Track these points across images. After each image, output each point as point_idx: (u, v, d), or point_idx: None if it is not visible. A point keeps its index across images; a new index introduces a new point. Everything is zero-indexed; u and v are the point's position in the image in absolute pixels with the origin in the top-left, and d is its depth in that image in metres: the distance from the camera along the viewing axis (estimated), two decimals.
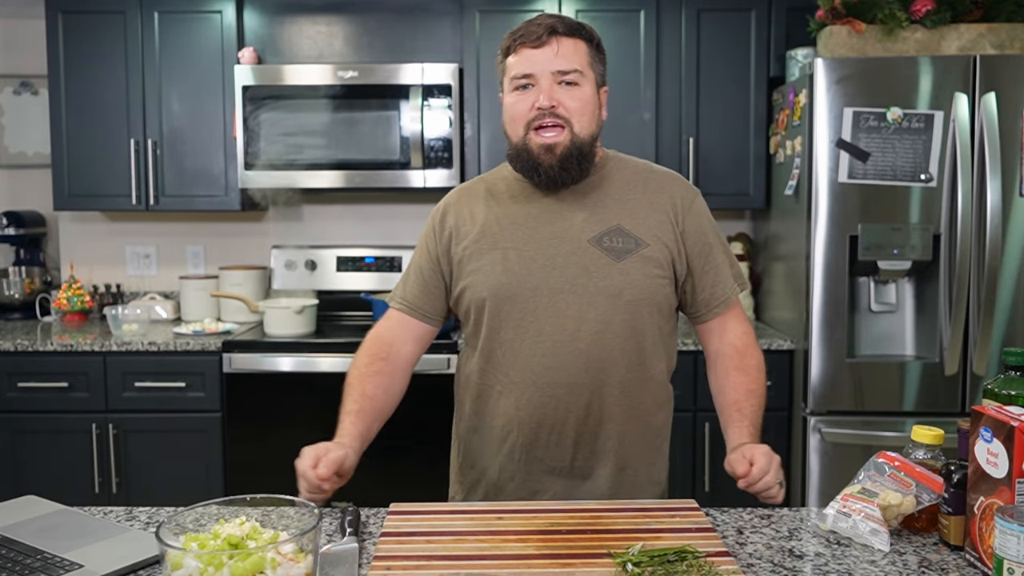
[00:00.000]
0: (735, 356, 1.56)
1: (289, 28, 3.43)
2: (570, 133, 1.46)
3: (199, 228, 3.69)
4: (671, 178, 1.59)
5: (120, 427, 3.05)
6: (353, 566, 1.15)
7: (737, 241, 3.52)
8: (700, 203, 1.57)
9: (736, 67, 3.26)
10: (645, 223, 1.51)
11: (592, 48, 1.51)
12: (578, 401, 1.47)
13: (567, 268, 1.47)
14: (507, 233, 1.51)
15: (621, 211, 1.51)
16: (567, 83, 1.46)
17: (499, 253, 1.50)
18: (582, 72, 1.47)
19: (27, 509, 1.37)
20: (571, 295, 1.46)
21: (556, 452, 1.50)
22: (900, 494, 1.25)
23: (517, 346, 1.48)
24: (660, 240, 1.50)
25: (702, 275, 1.54)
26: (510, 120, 1.49)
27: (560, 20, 1.48)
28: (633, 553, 1.13)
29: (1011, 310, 2.73)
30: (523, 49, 1.47)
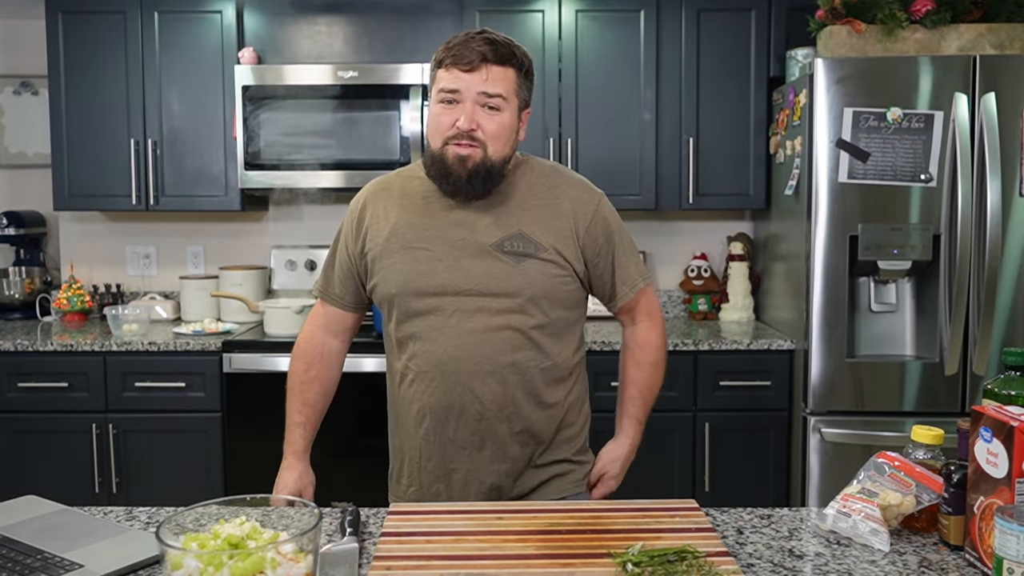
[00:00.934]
0: (635, 349, 1.78)
1: (289, 28, 3.43)
2: (483, 153, 1.55)
3: (199, 228, 3.69)
4: (574, 183, 1.68)
5: (120, 427, 3.05)
6: (353, 566, 1.15)
7: (737, 241, 3.52)
8: (603, 206, 1.68)
9: (736, 67, 3.26)
10: (545, 228, 1.61)
11: (520, 76, 1.58)
12: (481, 387, 1.58)
13: (471, 270, 1.58)
14: (416, 234, 1.61)
15: (524, 217, 1.61)
16: (489, 107, 1.54)
17: (408, 253, 1.61)
18: (505, 99, 1.55)
19: (27, 509, 1.37)
20: (474, 294, 1.58)
21: (464, 433, 1.61)
22: (900, 494, 1.25)
23: (425, 337, 1.60)
24: (560, 242, 1.61)
25: (604, 271, 1.68)
26: (432, 130, 1.58)
27: (494, 48, 1.54)
28: (633, 553, 1.13)
29: (1011, 310, 2.73)
30: (454, 69, 1.54)
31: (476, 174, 1.56)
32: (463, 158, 1.55)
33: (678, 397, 3.02)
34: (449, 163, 1.55)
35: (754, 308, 3.49)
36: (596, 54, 3.26)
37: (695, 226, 3.66)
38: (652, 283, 1.79)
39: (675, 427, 3.04)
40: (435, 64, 1.58)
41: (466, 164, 1.55)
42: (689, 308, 3.58)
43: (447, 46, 1.56)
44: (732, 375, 3.02)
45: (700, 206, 3.30)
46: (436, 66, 1.58)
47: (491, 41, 1.55)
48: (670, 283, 3.69)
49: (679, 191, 3.28)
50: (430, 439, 1.62)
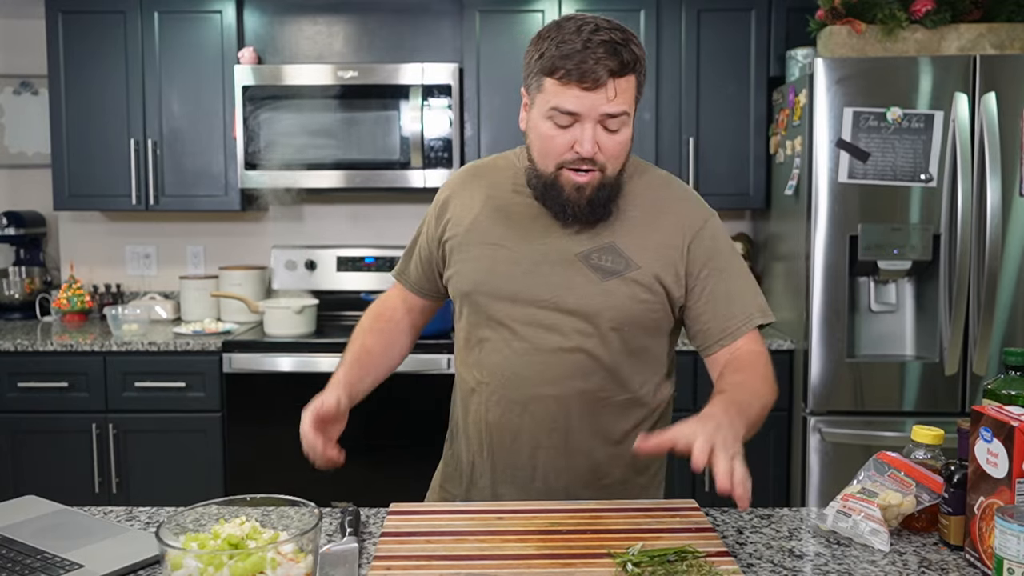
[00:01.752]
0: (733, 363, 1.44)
1: (289, 28, 3.43)
2: (602, 175, 1.37)
3: (199, 228, 3.69)
4: (682, 196, 1.49)
5: (120, 427, 3.05)
6: (353, 566, 1.14)
7: (737, 241, 3.52)
8: (712, 226, 1.46)
9: (736, 67, 3.26)
10: (643, 244, 1.42)
11: (640, 78, 1.37)
12: (542, 413, 1.44)
13: (550, 278, 1.42)
14: (499, 230, 1.46)
15: (620, 228, 1.43)
16: (610, 128, 1.34)
17: (487, 249, 1.46)
18: (629, 114, 1.35)
19: (27, 509, 1.37)
20: (550, 307, 1.42)
21: (516, 460, 1.47)
22: (900, 494, 1.25)
23: (490, 345, 1.46)
24: (656, 263, 1.42)
25: (705, 304, 1.43)
26: (542, 151, 1.38)
27: (617, 55, 1.30)
28: (633, 553, 1.13)
29: (1011, 310, 2.73)
30: (574, 86, 1.31)
31: (597, 199, 1.38)
32: (580, 187, 1.36)
33: (678, 397, 3.01)
34: (566, 192, 1.37)
35: None
36: None
37: None
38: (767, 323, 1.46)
39: None
40: (542, 70, 1.34)
41: (584, 192, 1.37)
42: None
43: (561, 52, 1.31)
44: None
45: None
46: (545, 72, 1.33)
47: (613, 49, 1.30)
48: None
49: None
50: (484, 457, 1.49)
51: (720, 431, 1.19)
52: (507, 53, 3.25)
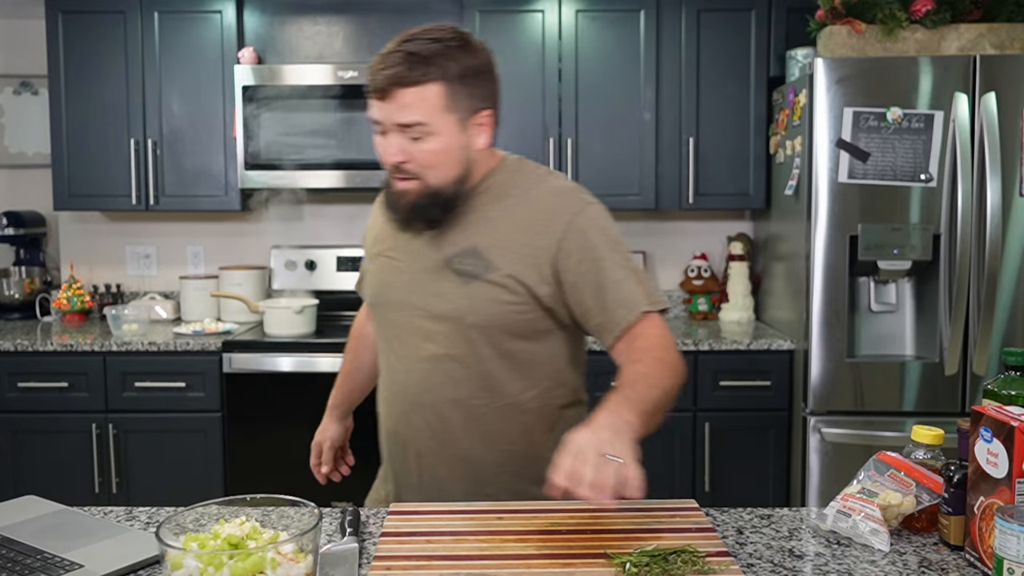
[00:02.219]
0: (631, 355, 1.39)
1: (289, 28, 3.43)
2: (423, 184, 1.38)
3: (199, 228, 3.69)
4: (553, 192, 1.45)
5: (120, 427, 3.05)
6: (353, 566, 1.14)
7: (737, 241, 3.52)
8: (585, 220, 1.41)
9: (736, 67, 3.26)
10: (505, 245, 1.40)
11: (452, 86, 1.35)
12: (421, 422, 1.46)
13: (424, 285, 1.44)
14: (391, 240, 1.50)
15: (482, 230, 1.42)
16: (414, 137, 1.35)
17: (380, 261, 1.53)
18: (426, 124, 1.34)
19: (27, 509, 1.37)
20: (423, 314, 1.43)
21: (406, 467, 1.51)
22: (900, 494, 1.25)
23: (384, 356, 1.54)
24: (516, 264, 1.39)
25: (590, 299, 1.40)
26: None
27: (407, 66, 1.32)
28: (634, 555, 1.13)
29: (1011, 310, 2.73)
30: (372, 96, 1.37)
31: (420, 207, 1.39)
32: (404, 193, 1.40)
33: (678, 397, 3.02)
34: (395, 197, 1.42)
35: (754, 308, 3.49)
36: (596, 54, 3.26)
37: (695, 226, 3.66)
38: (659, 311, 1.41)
39: (675, 427, 3.04)
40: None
41: (405, 198, 1.40)
42: (689, 308, 3.58)
43: (371, 65, 1.38)
44: (732, 375, 3.02)
45: (700, 206, 3.30)
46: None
47: (406, 57, 1.33)
48: (670, 283, 3.69)
49: (679, 191, 3.28)
50: (386, 462, 1.59)
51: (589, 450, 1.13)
52: (507, 53, 3.25)
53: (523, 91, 3.26)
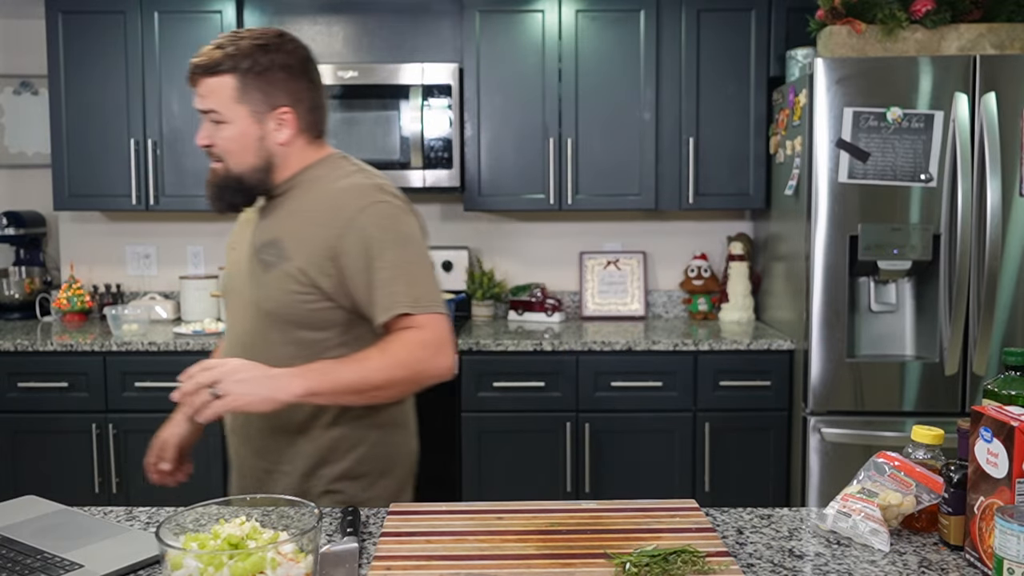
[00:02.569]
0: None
1: (289, 28, 3.41)
2: (225, 168, 1.53)
3: (199, 228, 3.69)
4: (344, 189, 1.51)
5: (120, 427, 3.04)
6: (353, 566, 1.14)
7: (737, 241, 3.52)
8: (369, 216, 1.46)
9: (736, 67, 3.26)
10: (300, 237, 1.48)
11: (245, 79, 1.47)
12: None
13: (241, 275, 1.57)
14: (238, 232, 1.65)
15: (285, 224, 1.52)
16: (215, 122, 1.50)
17: (229, 251, 1.66)
18: (220, 112, 1.49)
19: (27, 509, 1.37)
20: (240, 300, 1.57)
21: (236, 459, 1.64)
22: (900, 494, 1.25)
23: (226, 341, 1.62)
24: (305, 257, 1.46)
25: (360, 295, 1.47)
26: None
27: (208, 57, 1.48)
28: (634, 555, 1.13)
29: (1011, 310, 2.73)
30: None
31: (222, 189, 1.54)
32: (211, 174, 1.55)
33: (678, 397, 3.02)
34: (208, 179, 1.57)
35: (754, 308, 3.49)
36: (596, 54, 3.26)
37: (695, 226, 3.66)
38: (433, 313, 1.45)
39: (675, 427, 3.04)
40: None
41: (211, 179, 1.55)
42: (689, 308, 3.58)
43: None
44: (732, 375, 3.02)
45: (700, 206, 3.30)
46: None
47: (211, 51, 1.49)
48: (670, 283, 3.69)
49: (679, 191, 3.28)
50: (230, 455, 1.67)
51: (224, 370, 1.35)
52: (507, 53, 3.25)
53: (523, 91, 3.26)
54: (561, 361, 3.02)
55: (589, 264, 3.58)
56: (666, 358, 3.01)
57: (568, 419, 3.03)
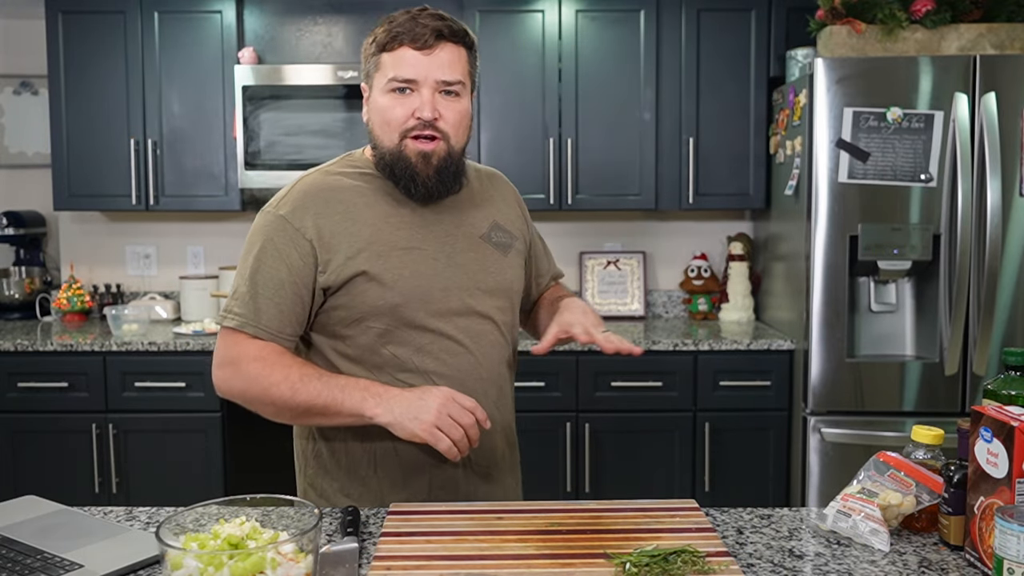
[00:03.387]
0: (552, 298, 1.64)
1: (289, 28, 3.43)
2: (446, 145, 1.40)
3: (199, 228, 3.69)
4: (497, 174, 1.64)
5: (120, 427, 3.05)
6: (353, 566, 1.14)
7: (737, 241, 3.52)
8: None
9: (736, 67, 3.26)
10: (509, 218, 1.56)
11: (472, 56, 1.45)
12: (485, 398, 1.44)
13: (466, 265, 1.46)
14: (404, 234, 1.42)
15: (491, 208, 1.53)
16: (447, 93, 1.39)
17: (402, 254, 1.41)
18: (464, 83, 1.41)
19: (27, 509, 1.37)
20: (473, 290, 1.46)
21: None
22: (900, 494, 1.25)
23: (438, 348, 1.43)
24: (521, 235, 1.57)
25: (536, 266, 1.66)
26: (383, 124, 1.40)
27: (446, 23, 1.39)
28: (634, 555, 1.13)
29: (1011, 310, 2.73)
30: (405, 49, 1.36)
31: (445, 169, 1.40)
32: (427, 155, 1.38)
33: (678, 397, 3.02)
34: (413, 162, 1.38)
35: (754, 308, 3.49)
36: (596, 54, 3.26)
37: (695, 226, 3.66)
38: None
39: (675, 427, 3.04)
40: (376, 48, 1.39)
41: (431, 161, 1.38)
42: (689, 308, 3.58)
43: (389, 23, 1.38)
44: (732, 375, 3.02)
45: (700, 206, 3.31)
46: (379, 50, 1.39)
47: (441, 18, 1.39)
48: (670, 283, 3.69)
49: (679, 191, 3.28)
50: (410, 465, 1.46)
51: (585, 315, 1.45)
52: (507, 53, 3.25)
53: (523, 91, 3.26)
54: (561, 361, 3.02)
55: (589, 264, 3.58)
56: (666, 358, 3.01)
57: (568, 419, 3.03)
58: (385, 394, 1.33)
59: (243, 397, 1.42)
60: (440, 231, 1.45)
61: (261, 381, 1.38)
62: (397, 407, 1.30)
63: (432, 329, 1.43)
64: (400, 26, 1.37)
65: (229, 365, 1.41)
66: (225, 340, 1.41)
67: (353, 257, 1.39)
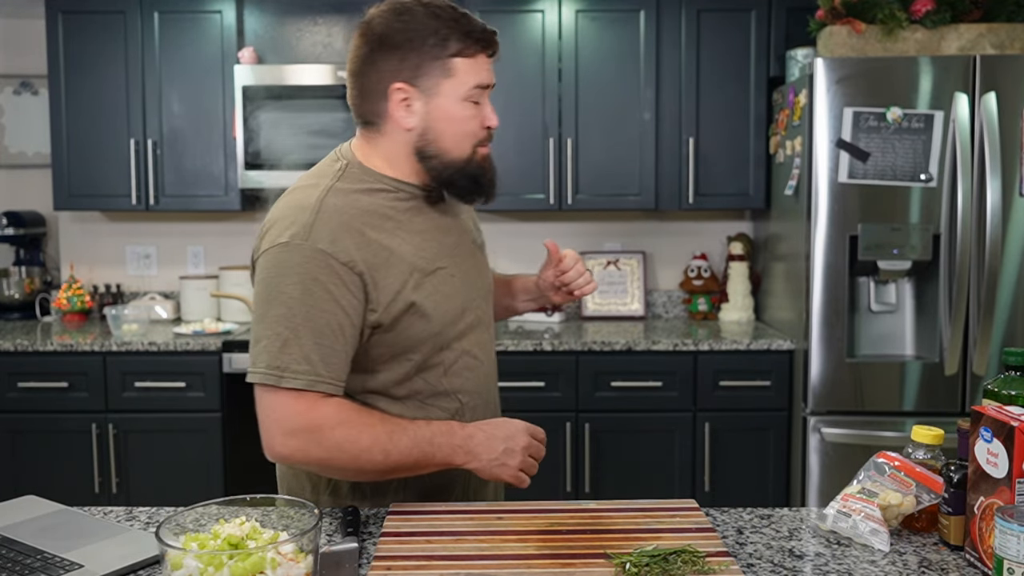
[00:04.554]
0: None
1: (289, 28, 3.43)
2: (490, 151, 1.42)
3: (199, 228, 3.69)
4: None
5: (120, 427, 3.05)
6: (353, 566, 1.14)
7: (737, 241, 3.52)
8: None
9: (736, 67, 3.26)
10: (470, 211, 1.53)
11: None
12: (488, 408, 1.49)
13: (473, 271, 1.44)
14: (429, 255, 1.35)
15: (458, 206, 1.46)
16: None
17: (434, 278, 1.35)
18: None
19: (27, 509, 1.37)
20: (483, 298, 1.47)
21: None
22: (900, 494, 1.25)
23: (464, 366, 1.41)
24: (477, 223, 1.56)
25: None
26: (460, 134, 1.31)
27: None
28: (634, 555, 1.13)
29: (1011, 310, 2.73)
30: (482, 56, 1.30)
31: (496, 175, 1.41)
32: (489, 161, 1.37)
33: (678, 397, 3.02)
34: (485, 168, 1.36)
35: (754, 308, 3.49)
36: (596, 54, 3.26)
37: (695, 226, 3.66)
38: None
39: (675, 427, 3.04)
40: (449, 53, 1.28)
41: (493, 165, 1.38)
42: (689, 308, 3.58)
43: (463, 28, 1.28)
44: (732, 375, 3.02)
45: (700, 206, 3.31)
46: (453, 54, 1.28)
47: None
48: (670, 283, 3.69)
49: (679, 191, 3.28)
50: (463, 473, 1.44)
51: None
52: (507, 53, 3.24)
53: (523, 91, 3.26)
54: (561, 361, 3.02)
55: (589, 264, 3.58)
56: (666, 358, 3.02)
57: (568, 419, 3.03)
58: (470, 441, 1.31)
59: (322, 465, 1.29)
60: (449, 242, 1.40)
61: (349, 449, 1.25)
62: (484, 454, 1.31)
63: (455, 348, 1.39)
64: (470, 27, 1.29)
65: (305, 433, 1.24)
66: (289, 405, 1.23)
67: (401, 291, 1.30)
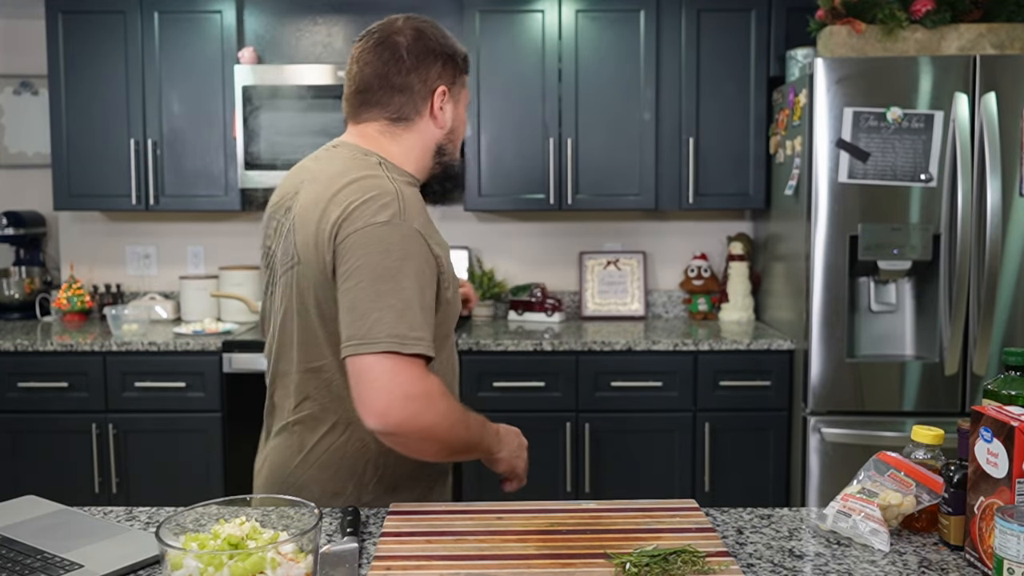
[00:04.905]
0: None
1: (289, 28, 3.43)
2: None
3: (199, 228, 3.69)
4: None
5: (120, 427, 3.05)
6: (353, 566, 1.14)
7: (737, 241, 3.52)
8: None
9: (736, 67, 3.26)
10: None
11: None
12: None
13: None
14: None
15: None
16: None
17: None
18: None
19: (27, 509, 1.37)
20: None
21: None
22: (900, 494, 1.25)
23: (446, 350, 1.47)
24: None
25: None
26: (459, 137, 1.54)
27: None
28: (634, 555, 1.13)
29: (1011, 310, 2.73)
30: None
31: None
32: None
33: (678, 397, 3.02)
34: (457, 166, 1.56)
35: (754, 308, 3.49)
36: (596, 54, 3.26)
37: (695, 226, 3.66)
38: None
39: (675, 427, 3.04)
40: (460, 71, 1.52)
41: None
42: (689, 308, 3.58)
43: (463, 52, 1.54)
44: (732, 375, 3.02)
45: (700, 206, 3.31)
46: (463, 71, 1.53)
47: None
48: (670, 283, 3.69)
49: (679, 191, 3.28)
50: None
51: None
52: (507, 53, 3.25)
53: (523, 91, 3.26)
54: (561, 361, 3.02)
55: (589, 264, 3.58)
56: (666, 358, 3.02)
57: (568, 419, 3.03)
58: (500, 432, 1.47)
59: (427, 433, 1.27)
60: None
61: (449, 417, 1.29)
62: (507, 448, 1.47)
63: (451, 337, 1.50)
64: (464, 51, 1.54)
65: (424, 398, 1.26)
66: (410, 370, 1.25)
67: (452, 275, 1.41)
